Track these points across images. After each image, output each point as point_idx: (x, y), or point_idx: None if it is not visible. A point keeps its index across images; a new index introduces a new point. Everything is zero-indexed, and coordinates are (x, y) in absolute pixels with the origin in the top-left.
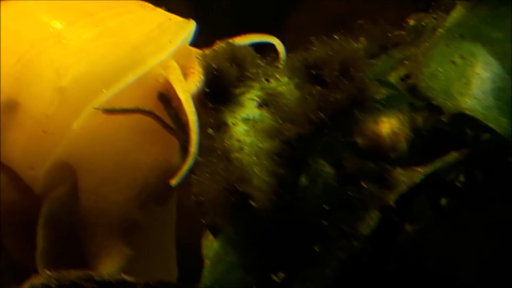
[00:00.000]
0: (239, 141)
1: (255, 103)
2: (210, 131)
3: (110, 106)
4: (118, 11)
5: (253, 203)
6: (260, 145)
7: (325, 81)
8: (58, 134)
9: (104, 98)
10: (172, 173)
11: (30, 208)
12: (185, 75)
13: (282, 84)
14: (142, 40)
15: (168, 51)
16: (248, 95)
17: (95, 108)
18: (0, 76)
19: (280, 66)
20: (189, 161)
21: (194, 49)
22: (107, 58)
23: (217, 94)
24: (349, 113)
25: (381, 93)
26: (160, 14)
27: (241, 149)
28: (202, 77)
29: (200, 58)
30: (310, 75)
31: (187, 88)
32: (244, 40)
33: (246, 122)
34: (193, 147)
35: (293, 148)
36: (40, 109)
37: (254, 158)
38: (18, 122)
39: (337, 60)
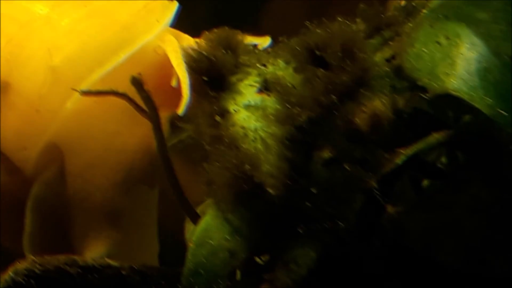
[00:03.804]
0: (243, 128)
1: (255, 89)
2: (218, 118)
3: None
4: None
5: (269, 189)
6: (268, 130)
7: (327, 63)
8: (51, 113)
9: (97, 76)
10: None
11: (19, 191)
12: None
13: (280, 69)
14: (131, 19)
15: (156, 30)
16: (246, 82)
17: (73, 89)
18: None
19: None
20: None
21: (183, 35)
22: (98, 37)
23: (215, 81)
24: (354, 94)
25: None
26: None
27: (246, 135)
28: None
29: (194, 46)
30: (312, 58)
31: (181, 56)
32: None
33: (248, 108)
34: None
35: (304, 131)
36: (32, 89)
37: (260, 144)
38: (10, 103)
39: (339, 42)
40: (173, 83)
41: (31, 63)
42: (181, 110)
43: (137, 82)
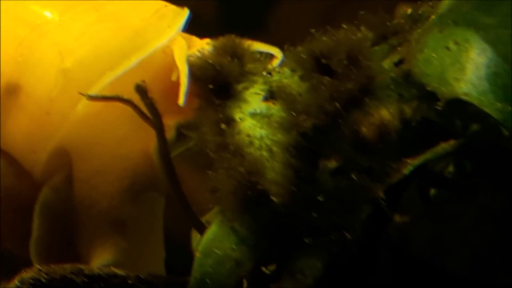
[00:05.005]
0: (248, 136)
1: (260, 97)
2: (223, 126)
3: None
4: None
5: (273, 198)
6: (274, 138)
7: (333, 71)
8: (62, 116)
9: (107, 80)
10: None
11: (27, 195)
12: None
13: (285, 77)
14: (142, 25)
15: (168, 36)
16: (252, 90)
17: (80, 93)
18: (0, 60)
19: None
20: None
21: (194, 38)
22: (109, 41)
23: (221, 90)
24: (359, 103)
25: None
26: (156, 1)
27: (251, 143)
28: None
29: (200, 54)
30: (317, 65)
31: (185, 52)
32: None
33: (254, 116)
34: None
35: (309, 139)
36: (43, 92)
37: (266, 152)
38: (20, 106)
39: (344, 49)
40: (173, 77)
41: (42, 65)
42: (181, 100)
43: (141, 89)
